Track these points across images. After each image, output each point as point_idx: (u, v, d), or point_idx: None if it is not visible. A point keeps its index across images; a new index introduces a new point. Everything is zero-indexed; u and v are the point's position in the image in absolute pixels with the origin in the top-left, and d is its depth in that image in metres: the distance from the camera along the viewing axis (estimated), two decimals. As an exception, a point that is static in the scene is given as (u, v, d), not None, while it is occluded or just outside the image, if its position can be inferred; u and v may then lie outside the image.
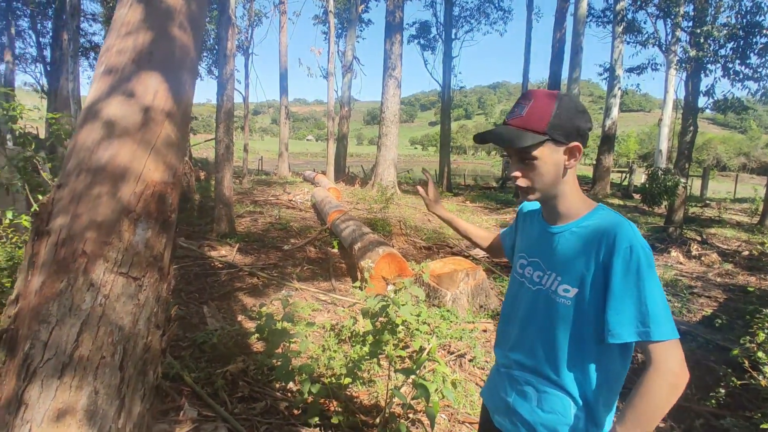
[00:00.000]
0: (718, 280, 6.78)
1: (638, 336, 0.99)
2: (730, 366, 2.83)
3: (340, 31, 21.60)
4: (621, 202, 15.20)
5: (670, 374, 0.97)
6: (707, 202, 16.26)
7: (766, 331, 2.44)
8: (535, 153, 1.10)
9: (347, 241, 6.27)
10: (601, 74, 13.84)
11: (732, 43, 9.06)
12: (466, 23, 21.10)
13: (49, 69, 18.65)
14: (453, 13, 19.27)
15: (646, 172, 10.49)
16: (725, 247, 8.76)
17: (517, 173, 1.15)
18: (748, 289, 5.51)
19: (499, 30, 21.47)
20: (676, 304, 5.31)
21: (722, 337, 4.15)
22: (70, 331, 0.99)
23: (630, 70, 11.34)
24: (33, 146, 3.72)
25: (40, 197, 3.70)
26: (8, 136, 8.51)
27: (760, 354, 2.38)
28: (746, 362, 2.54)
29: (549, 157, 1.10)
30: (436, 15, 20.48)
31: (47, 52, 18.87)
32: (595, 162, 18.31)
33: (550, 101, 1.09)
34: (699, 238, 9.02)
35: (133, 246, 1.13)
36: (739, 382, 2.63)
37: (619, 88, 16.60)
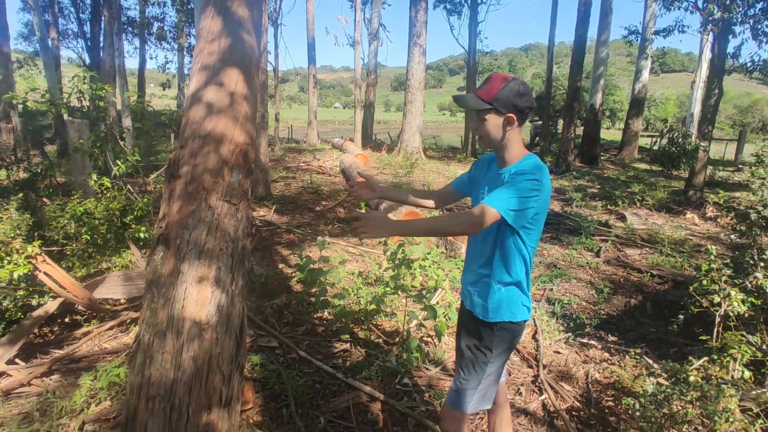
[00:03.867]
0: (732, 238, 7.10)
1: (487, 201, 1.55)
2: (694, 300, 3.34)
3: (366, -2, 21.60)
4: (647, 167, 15.21)
5: (470, 215, 1.55)
6: (740, 166, 16.01)
7: (708, 263, 2.95)
8: (485, 116, 1.67)
9: (374, 203, 6.90)
10: (625, 36, 13.57)
11: (762, 2, 8.93)
12: (494, -15, 20.72)
13: (89, 44, 19.58)
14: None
15: (668, 136, 10.55)
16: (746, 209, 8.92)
17: (474, 126, 1.75)
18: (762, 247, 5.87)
19: (528, -9, 20.98)
20: (679, 260, 5.73)
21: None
22: (200, 233, 1.65)
23: (657, 33, 11.20)
24: (112, 120, 4.47)
25: (119, 162, 4.46)
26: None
27: (704, 281, 2.91)
28: (699, 294, 3.07)
29: (492, 120, 1.66)
30: (463, -23, 20.19)
31: (87, 28, 19.74)
32: (623, 126, 18.14)
33: (500, 83, 1.64)
34: (717, 202, 9.20)
35: (231, 185, 1.77)
36: (696, 310, 3.17)
37: (649, 51, 16.24)
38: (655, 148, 19.35)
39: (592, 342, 3.68)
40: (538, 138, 18.79)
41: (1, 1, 9.81)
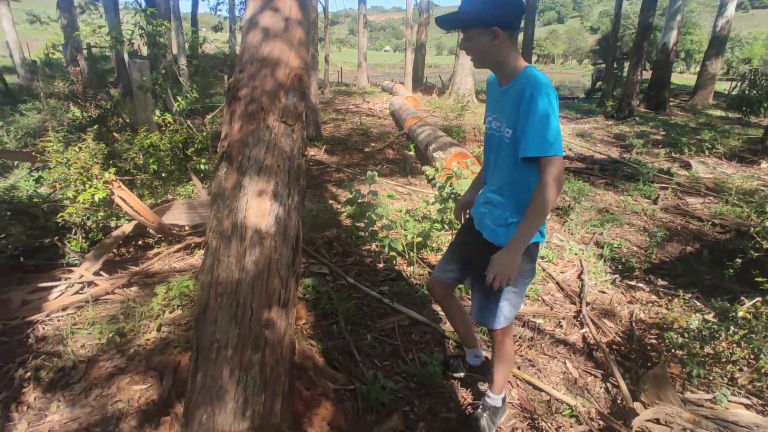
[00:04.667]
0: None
1: (536, 153, 1.54)
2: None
3: (420, -73, 20.28)
4: (722, 114, 13.96)
5: (550, 177, 1.54)
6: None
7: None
8: (470, 35, 1.61)
9: (423, 144, 6.87)
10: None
11: None
12: None
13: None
14: None
15: (748, 77, 9.54)
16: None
17: (464, 47, 1.68)
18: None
19: None
20: (745, 210, 5.40)
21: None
22: (260, 151, 1.77)
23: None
24: (170, 57, 4.66)
25: (180, 98, 4.67)
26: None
27: (767, 223, 2.77)
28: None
29: (479, 38, 1.60)
30: None
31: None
32: (699, 69, 16.56)
33: (481, 1, 1.57)
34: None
35: (287, 106, 1.86)
36: (756, 254, 3.04)
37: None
38: (735, 92, 17.63)
39: (640, 285, 3.64)
40: (600, 82, 17.59)
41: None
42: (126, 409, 2.17)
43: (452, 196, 3.38)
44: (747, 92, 9.03)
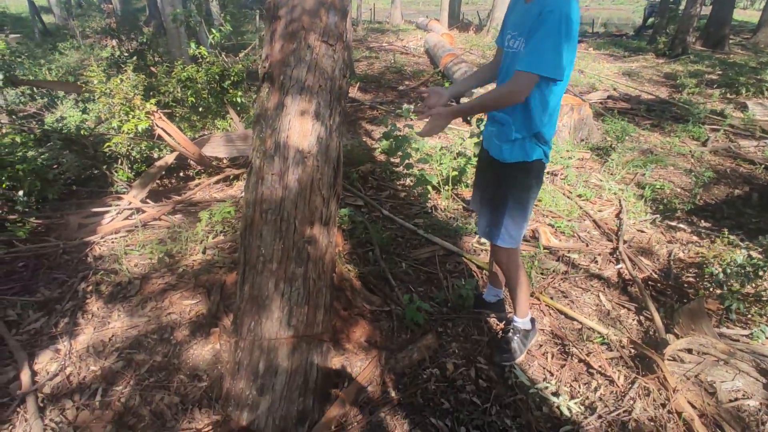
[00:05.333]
0: None
1: (522, 68, 1.58)
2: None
3: None
4: (788, 53, 12.77)
5: (511, 86, 1.61)
6: None
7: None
8: None
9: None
10: None
11: None
12: None
13: None
14: None
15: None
16: None
17: None
18: None
19: None
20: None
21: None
22: (301, 71, 1.76)
23: None
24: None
25: (214, 31, 4.62)
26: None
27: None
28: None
29: None
30: None
31: None
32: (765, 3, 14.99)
33: None
34: None
35: (329, 25, 1.81)
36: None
37: None
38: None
39: (681, 225, 3.54)
40: (652, 18, 16.23)
41: None
42: (179, 320, 2.34)
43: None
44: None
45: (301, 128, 1.74)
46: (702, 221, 3.65)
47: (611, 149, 4.91)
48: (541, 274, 2.85)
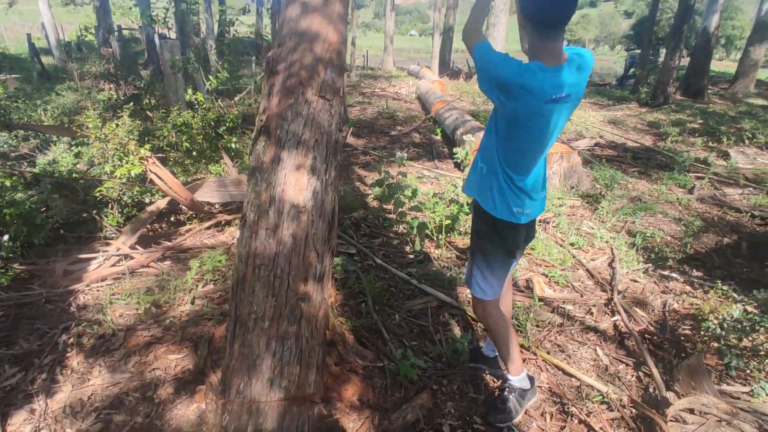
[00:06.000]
0: None
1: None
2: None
3: None
4: (764, 102, 13.34)
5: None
6: None
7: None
8: (522, 20, 1.65)
9: (450, 128, 6.79)
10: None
11: None
12: None
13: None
14: None
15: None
16: None
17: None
18: None
19: None
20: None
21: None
22: (298, 125, 1.77)
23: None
24: (201, 36, 4.69)
25: (211, 77, 4.71)
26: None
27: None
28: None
29: (523, 24, 1.65)
30: None
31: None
32: (742, 54, 15.80)
33: None
34: None
35: (326, 81, 1.85)
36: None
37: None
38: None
39: (674, 275, 3.55)
40: (633, 69, 16.95)
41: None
42: (163, 377, 2.24)
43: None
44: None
45: (297, 182, 1.74)
46: (694, 270, 3.66)
47: (601, 197, 4.98)
48: (537, 326, 2.81)
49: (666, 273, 3.57)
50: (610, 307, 3.07)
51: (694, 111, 11.03)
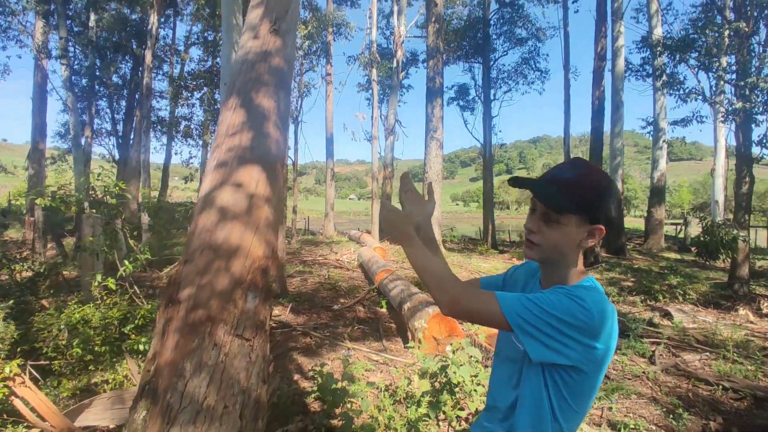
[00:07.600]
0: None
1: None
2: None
3: (382, 96, 22.74)
4: (678, 256, 14.53)
5: (465, 287, 1.17)
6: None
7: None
8: (563, 220, 1.16)
9: (396, 301, 6.39)
10: (644, 128, 13.68)
11: (782, 92, 8.92)
12: (504, 84, 21.72)
13: (120, 141, 20.69)
14: (491, 76, 20.05)
15: (701, 225, 10.10)
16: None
17: (534, 227, 1.21)
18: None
19: (537, 89, 21.94)
20: (749, 368, 5.00)
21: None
22: (201, 383, 1.21)
23: (675, 123, 11.26)
24: (121, 216, 4.26)
25: (126, 262, 4.13)
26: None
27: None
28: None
29: (571, 227, 1.17)
30: (475, 78, 21.36)
31: (120, 127, 20.95)
32: (646, 215, 17.81)
33: (599, 178, 1.18)
34: (769, 295, 8.47)
35: (245, 313, 1.36)
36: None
37: (665, 141, 16.40)
38: (681, 236, 18.80)
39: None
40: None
41: (43, 105, 10.50)
42: None
43: (446, 387, 2.78)
44: (702, 239, 9.43)
45: (190, 483, 1.10)
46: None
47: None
48: None
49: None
50: None
51: (623, 269, 11.63)
